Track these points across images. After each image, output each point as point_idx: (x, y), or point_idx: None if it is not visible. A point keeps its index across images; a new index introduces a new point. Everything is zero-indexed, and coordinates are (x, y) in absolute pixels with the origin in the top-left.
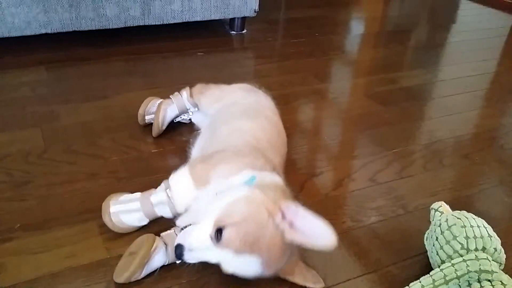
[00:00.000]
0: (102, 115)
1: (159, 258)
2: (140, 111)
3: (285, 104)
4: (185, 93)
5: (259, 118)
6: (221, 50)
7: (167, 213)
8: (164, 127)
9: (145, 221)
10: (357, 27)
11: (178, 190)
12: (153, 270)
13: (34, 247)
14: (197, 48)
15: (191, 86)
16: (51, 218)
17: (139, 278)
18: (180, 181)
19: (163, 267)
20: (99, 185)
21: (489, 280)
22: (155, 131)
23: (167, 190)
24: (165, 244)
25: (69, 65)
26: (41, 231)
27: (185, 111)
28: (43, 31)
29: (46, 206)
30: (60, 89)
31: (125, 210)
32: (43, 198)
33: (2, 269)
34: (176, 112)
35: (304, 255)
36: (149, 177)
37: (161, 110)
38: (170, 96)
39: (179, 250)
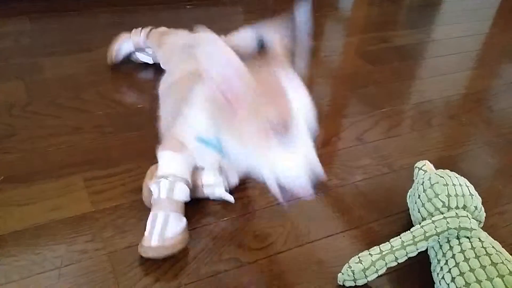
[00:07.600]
0: (87, 68)
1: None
2: (114, 46)
3: None
4: (143, 32)
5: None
6: (210, 3)
7: None
8: (118, 58)
9: None
10: None
11: None
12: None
13: (19, 199)
14: (186, 1)
15: (154, 27)
16: (35, 171)
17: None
18: None
19: None
20: (84, 139)
21: (467, 237)
22: (108, 59)
23: None
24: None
25: (53, 16)
26: (26, 184)
27: (141, 49)
28: None
29: (31, 159)
30: (43, 40)
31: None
32: (27, 152)
33: None
34: (132, 48)
35: (287, 211)
36: (135, 133)
37: (117, 42)
38: (132, 31)
39: None
